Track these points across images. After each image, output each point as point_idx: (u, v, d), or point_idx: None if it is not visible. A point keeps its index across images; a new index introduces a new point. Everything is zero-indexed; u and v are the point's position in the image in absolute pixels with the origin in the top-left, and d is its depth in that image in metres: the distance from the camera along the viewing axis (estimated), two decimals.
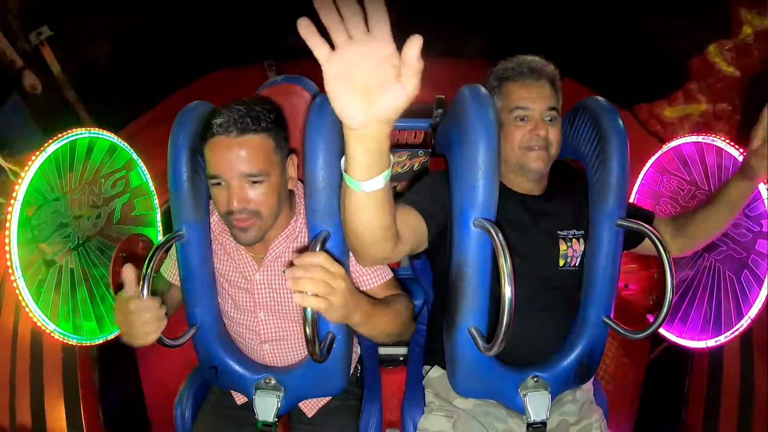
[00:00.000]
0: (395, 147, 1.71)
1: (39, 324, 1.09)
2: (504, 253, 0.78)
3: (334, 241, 0.93)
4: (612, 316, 1.03)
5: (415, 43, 0.53)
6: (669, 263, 0.93)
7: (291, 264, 0.72)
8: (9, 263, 1.00)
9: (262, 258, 1.04)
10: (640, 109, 1.94)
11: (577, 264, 1.08)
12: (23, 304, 1.02)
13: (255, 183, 0.92)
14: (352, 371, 1.19)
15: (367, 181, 0.68)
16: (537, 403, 1.01)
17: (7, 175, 1.37)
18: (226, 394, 1.18)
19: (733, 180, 1.02)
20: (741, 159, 1.10)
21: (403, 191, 1.43)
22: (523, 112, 1.03)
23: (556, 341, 1.07)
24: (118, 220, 1.30)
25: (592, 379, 1.14)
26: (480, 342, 0.88)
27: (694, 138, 1.22)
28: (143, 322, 0.84)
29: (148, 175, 1.38)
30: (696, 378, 1.26)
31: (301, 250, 1.03)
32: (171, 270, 1.12)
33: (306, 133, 0.90)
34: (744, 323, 1.09)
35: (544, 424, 1.01)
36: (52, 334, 1.12)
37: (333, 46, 0.54)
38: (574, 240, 1.08)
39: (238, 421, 1.12)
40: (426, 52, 0.54)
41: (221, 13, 2.14)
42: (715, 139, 1.16)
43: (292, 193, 1.05)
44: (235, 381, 1.07)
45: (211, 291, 1.06)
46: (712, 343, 1.14)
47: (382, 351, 1.63)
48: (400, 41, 0.54)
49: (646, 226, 0.96)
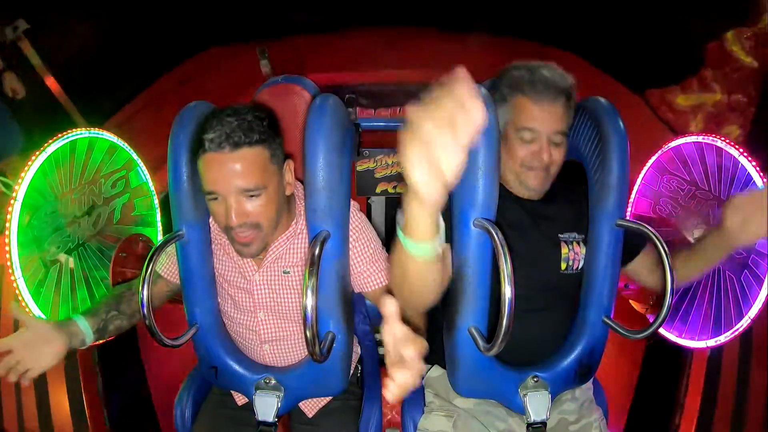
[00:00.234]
0: (395, 147, 1.70)
1: None
2: (504, 253, 0.78)
3: (334, 241, 0.93)
4: (612, 316, 1.03)
5: None
6: (669, 263, 0.93)
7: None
8: (9, 263, 1.00)
9: (262, 259, 1.04)
10: (652, 94, 1.85)
11: (579, 267, 1.07)
12: (23, 304, 1.02)
13: (252, 197, 0.92)
14: (352, 371, 1.19)
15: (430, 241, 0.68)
16: (537, 403, 1.01)
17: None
18: (226, 395, 1.18)
19: (710, 233, 1.00)
20: (741, 159, 1.10)
21: (403, 191, 1.43)
22: (531, 135, 1.00)
23: (556, 341, 1.07)
24: (118, 220, 1.30)
25: (591, 379, 1.14)
26: (480, 342, 0.88)
27: (694, 138, 1.22)
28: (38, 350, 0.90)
29: (148, 175, 1.38)
30: (693, 379, 1.26)
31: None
32: (163, 262, 1.13)
33: (306, 133, 0.90)
34: (744, 323, 1.09)
35: (544, 424, 1.01)
36: None
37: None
38: (575, 243, 1.08)
39: (238, 421, 1.12)
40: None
41: None
42: (715, 139, 1.16)
43: (291, 195, 1.05)
44: (235, 381, 1.07)
45: (211, 291, 1.06)
46: (712, 343, 1.15)
47: (382, 351, 1.63)
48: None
49: (646, 226, 0.97)
